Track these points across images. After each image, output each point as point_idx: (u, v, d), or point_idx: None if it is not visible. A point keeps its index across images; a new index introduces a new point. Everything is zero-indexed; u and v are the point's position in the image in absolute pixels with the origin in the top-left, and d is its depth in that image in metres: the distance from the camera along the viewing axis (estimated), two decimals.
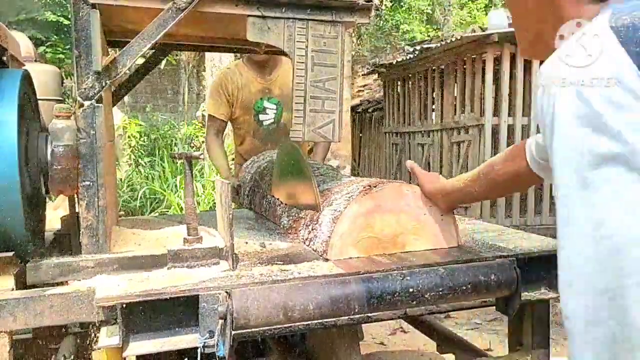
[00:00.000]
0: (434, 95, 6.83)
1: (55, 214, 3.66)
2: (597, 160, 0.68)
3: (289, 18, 1.58)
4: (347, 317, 1.30)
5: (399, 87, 7.84)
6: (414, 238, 1.54)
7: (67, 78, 7.56)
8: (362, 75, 11.04)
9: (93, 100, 1.39)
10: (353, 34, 11.69)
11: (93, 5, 1.38)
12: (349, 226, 1.46)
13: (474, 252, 1.51)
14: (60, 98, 2.13)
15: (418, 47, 6.92)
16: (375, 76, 9.42)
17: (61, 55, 10.39)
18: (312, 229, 1.58)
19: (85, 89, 1.38)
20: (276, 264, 1.42)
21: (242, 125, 2.99)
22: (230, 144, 6.73)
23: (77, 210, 1.50)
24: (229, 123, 3.09)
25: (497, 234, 1.78)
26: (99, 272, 1.34)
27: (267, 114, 2.95)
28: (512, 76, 5.59)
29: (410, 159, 6.85)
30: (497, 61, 5.67)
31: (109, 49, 2.08)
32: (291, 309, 1.21)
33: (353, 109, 8.88)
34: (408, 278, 1.32)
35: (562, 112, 0.71)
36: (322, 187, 1.88)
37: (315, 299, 1.24)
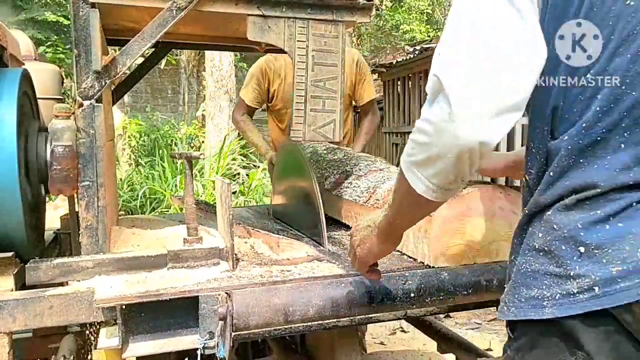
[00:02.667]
0: None
1: (55, 213, 3.65)
2: None
3: (289, 17, 1.57)
4: (347, 319, 1.29)
5: (398, 87, 7.83)
6: (508, 246, 1.42)
7: (66, 78, 7.55)
8: None
9: (93, 100, 1.38)
10: (353, 34, 11.68)
11: (93, 5, 1.37)
12: (438, 231, 1.34)
13: None
14: (60, 97, 2.12)
15: (418, 47, 6.90)
16: (375, 76, 9.41)
17: (61, 55, 10.37)
18: None
19: (85, 88, 1.37)
20: (276, 264, 1.42)
21: (284, 118, 2.81)
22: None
23: (76, 210, 1.49)
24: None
25: None
26: (99, 272, 1.34)
27: None
28: None
29: None
30: None
31: (109, 48, 2.08)
32: (291, 310, 1.21)
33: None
34: (409, 281, 1.32)
35: None
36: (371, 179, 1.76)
37: (315, 300, 1.23)
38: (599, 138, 0.81)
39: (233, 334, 1.16)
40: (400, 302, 1.30)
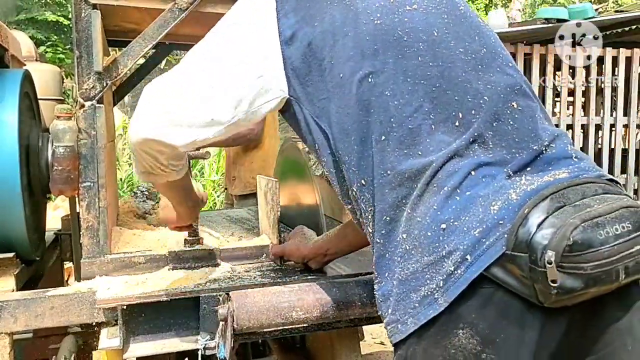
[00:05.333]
0: None
1: (55, 214, 3.65)
2: None
3: None
4: (348, 319, 1.30)
5: None
6: None
7: (67, 78, 7.54)
8: None
9: (94, 101, 1.38)
10: None
11: (94, 6, 1.37)
12: None
13: None
14: (61, 98, 2.12)
15: None
16: None
17: (61, 55, 10.37)
18: None
19: (86, 89, 1.37)
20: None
21: None
22: None
23: (77, 211, 1.50)
24: None
25: None
26: (100, 273, 1.34)
27: None
28: None
29: None
30: None
31: (110, 49, 2.08)
32: (292, 311, 1.21)
33: None
34: None
35: None
36: None
37: (316, 301, 1.23)
38: (410, 127, 0.88)
39: (234, 334, 1.16)
40: None
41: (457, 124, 0.89)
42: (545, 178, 0.84)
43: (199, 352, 1.16)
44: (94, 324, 1.24)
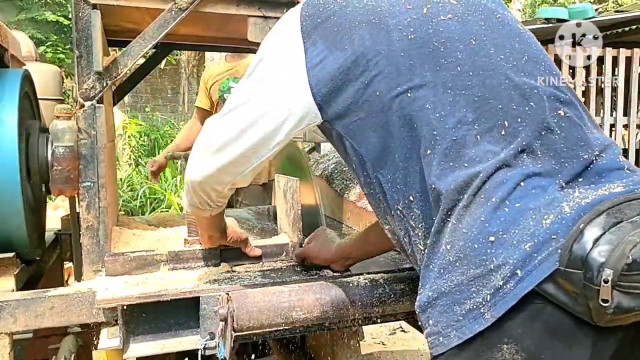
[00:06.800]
0: None
1: (55, 214, 3.65)
2: None
3: None
4: (348, 319, 1.29)
5: None
6: None
7: (67, 78, 7.55)
8: None
9: (94, 101, 1.38)
10: None
11: (94, 6, 1.37)
12: None
13: None
14: (61, 98, 2.12)
15: None
16: None
17: (61, 55, 10.38)
18: None
19: (86, 89, 1.37)
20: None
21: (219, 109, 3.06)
22: None
23: (77, 211, 1.50)
24: None
25: None
26: (100, 273, 1.34)
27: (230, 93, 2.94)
28: None
29: None
30: None
31: (110, 49, 2.08)
32: (292, 311, 1.21)
33: None
34: (410, 281, 1.32)
35: None
36: None
37: (316, 300, 1.23)
38: (454, 138, 0.87)
39: (234, 334, 1.16)
40: (403, 302, 1.30)
41: (503, 132, 0.87)
42: (599, 191, 0.81)
43: (199, 352, 1.16)
44: (93, 324, 1.24)
